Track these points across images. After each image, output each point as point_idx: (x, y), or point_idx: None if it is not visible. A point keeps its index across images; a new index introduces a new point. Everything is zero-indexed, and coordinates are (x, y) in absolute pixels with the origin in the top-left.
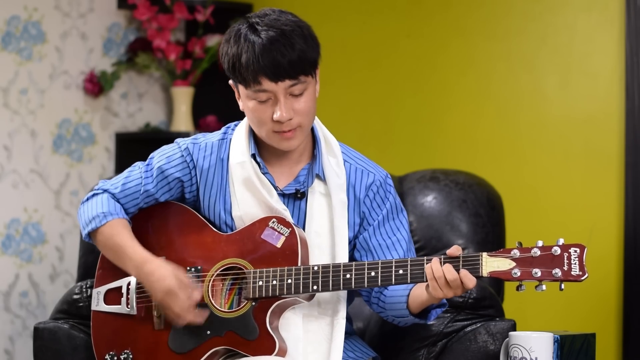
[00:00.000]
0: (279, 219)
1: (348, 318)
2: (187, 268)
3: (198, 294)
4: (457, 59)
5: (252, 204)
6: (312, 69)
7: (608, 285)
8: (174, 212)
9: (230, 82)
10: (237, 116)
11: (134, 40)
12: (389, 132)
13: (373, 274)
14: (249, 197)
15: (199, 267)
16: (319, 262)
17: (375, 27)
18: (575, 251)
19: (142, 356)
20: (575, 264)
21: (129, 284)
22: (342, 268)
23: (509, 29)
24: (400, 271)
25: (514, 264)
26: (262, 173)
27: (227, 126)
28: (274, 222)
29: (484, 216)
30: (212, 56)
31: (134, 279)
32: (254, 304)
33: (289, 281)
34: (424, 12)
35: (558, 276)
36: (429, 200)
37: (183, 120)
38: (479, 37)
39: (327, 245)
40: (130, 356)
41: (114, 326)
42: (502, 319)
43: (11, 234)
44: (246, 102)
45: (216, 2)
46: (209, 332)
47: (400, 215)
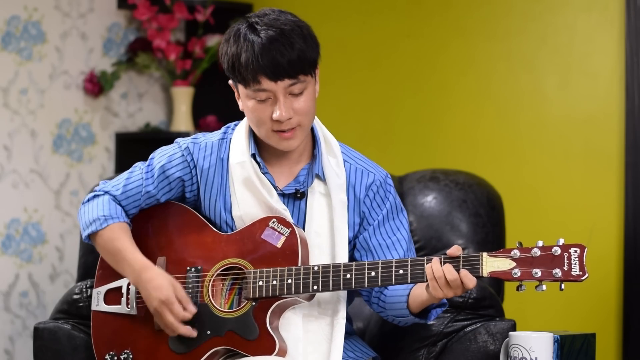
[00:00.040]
0: (279, 219)
1: (348, 318)
2: (187, 268)
3: (192, 308)
4: (457, 59)
5: (252, 203)
6: (312, 68)
7: (608, 285)
8: (174, 212)
9: (230, 82)
10: (237, 116)
11: (134, 40)
12: (389, 132)
13: (373, 274)
14: (249, 197)
15: (199, 267)
16: (319, 262)
17: (375, 27)
18: (575, 251)
19: (142, 356)
20: (575, 264)
21: (129, 284)
22: (342, 268)
23: (509, 29)
24: (401, 271)
25: (514, 264)
26: (262, 173)
27: (227, 126)
28: (274, 222)
29: (484, 216)
30: (212, 56)
31: None
32: (254, 304)
33: (289, 281)
34: (424, 12)
35: (558, 276)
36: (429, 200)
37: (183, 120)
38: (479, 37)
39: (327, 245)
40: (131, 356)
41: (114, 326)
42: (502, 319)
43: (11, 234)
44: (246, 102)
45: (216, 2)
46: (209, 332)
47: (400, 215)
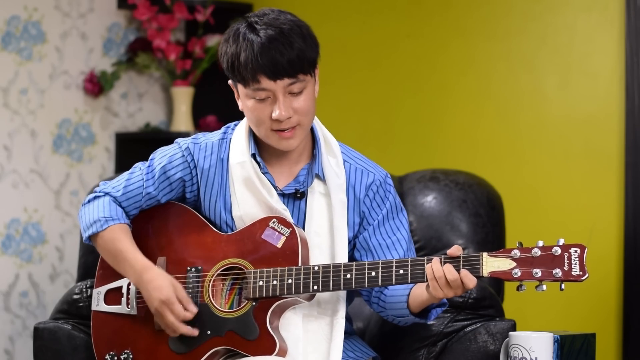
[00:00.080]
0: (279, 219)
1: (348, 318)
2: (188, 268)
3: (193, 308)
4: (457, 59)
5: (252, 203)
6: (311, 68)
7: (608, 285)
8: (174, 212)
9: (230, 81)
10: (237, 116)
11: (134, 40)
12: (389, 132)
13: (373, 274)
14: (249, 197)
15: (199, 267)
16: (319, 262)
17: (375, 27)
18: (575, 251)
19: (143, 356)
20: (575, 264)
21: (129, 284)
22: (342, 268)
23: (509, 29)
24: (401, 271)
25: (514, 264)
26: (262, 173)
27: (226, 126)
28: (274, 222)
29: (484, 216)
30: (212, 56)
31: None
32: (254, 304)
33: (289, 281)
34: (424, 12)
35: (558, 276)
36: (429, 200)
37: (183, 120)
38: (479, 37)
39: (326, 245)
40: (131, 356)
41: (114, 326)
42: (502, 319)
43: (11, 234)
44: (245, 101)
45: (216, 2)
46: (209, 332)
47: (400, 214)
